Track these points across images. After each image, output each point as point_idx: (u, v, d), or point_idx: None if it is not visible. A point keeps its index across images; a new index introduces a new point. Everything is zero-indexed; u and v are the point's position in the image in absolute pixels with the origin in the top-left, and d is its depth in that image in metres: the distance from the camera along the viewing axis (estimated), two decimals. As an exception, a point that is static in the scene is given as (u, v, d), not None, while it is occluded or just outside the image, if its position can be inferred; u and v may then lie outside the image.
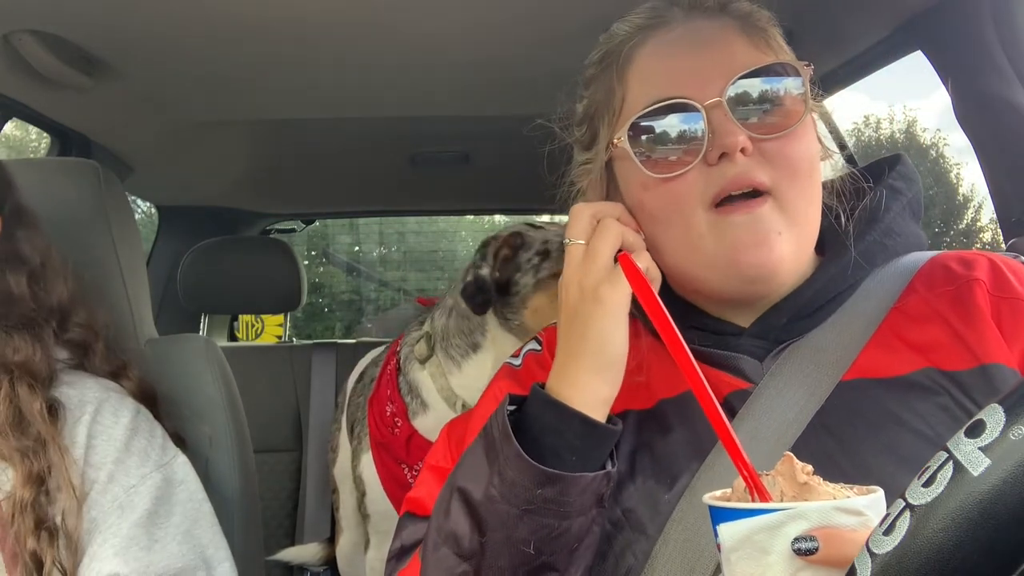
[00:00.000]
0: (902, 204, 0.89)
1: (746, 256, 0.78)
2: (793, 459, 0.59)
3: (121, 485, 0.95)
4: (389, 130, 2.06)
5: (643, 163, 0.82)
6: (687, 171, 0.80)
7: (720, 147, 0.78)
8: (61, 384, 1.01)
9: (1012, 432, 0.39)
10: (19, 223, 1.05)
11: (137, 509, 0.94)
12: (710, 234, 0.80)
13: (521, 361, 0.96)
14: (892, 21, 1.33)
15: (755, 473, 0.59)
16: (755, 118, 0.79)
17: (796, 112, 0.80)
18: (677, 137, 0.81)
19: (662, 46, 0.85)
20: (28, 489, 0.90)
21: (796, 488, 0.57)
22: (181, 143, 2.02)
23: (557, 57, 1.53)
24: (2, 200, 1.03)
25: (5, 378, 0.96)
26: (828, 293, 0.84)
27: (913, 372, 0.78)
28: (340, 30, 1.38)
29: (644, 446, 0.83)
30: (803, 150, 0.81)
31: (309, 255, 5.69)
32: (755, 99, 0.80)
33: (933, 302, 0.83)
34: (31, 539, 0.88)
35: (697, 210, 0.80)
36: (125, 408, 1.01)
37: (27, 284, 1.02)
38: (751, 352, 0.84)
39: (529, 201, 3.18)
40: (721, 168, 0.79)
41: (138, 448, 0.98)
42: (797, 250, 0.81)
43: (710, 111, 0.79)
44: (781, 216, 0.79)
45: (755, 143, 0.79)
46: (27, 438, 0.93)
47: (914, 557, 0.40)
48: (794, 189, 0.80)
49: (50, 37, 1.34)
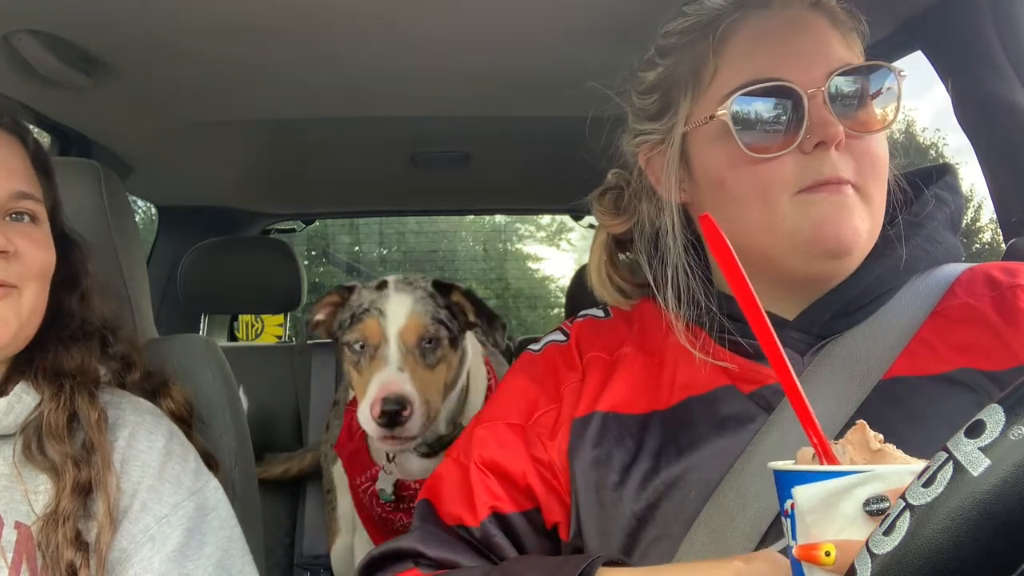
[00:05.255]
0: (945, 214, 0.90)
1: (831, 228, 0.79)
2: (866, 427, 0.60)
3: (153, 515, 0.94)
4: (389, 130, 2.06)
5: (743, 138, 0.82)
6: (782, 155, 0.80)
7: (819, 136, 0.79)
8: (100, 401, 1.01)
9: (1012, 432, 0.39)
10: (71, 243, 1.07)
11: (169, 542, 0.93)
12: (794, 213, 0.80)
13: (541, 349, 0.96)
14: (892, 21, 1.33)
15: (825, 440, 0.60)
16: (851, 113, 0.80)
17: (887, 114, 0.82)
18: (776, 119, 0.81)
19: (762, 28, 0.85)
20: (73, 499, 0.90)
21: (869, 455, 0.59)
22: (181, 143, 2.02)
23: (557, 57, 1.54)
24: (54, 218, 1.04)
25: (66, 384, 0.96)
26: (874, 291, 0.85)
27: (953, 371, 0.79)
28: (340, 30, 1.38)
29: (671, 443, 0.83)
30: (884, 150, 0.83)
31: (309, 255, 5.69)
32: (853, 95, 0.81)
33: (974, 305, 0.84)
34: (69, 551, 0.87)
35: (783, 195, 0.81)
36: (159, 432, 1.00)
37: (79, 302, 1.04)
38: (793, 345, 0.84)
39: (529, 201, 3.19)
40: (815, 158, 0.80)
41: (171, 475, 0.97)
42: (870, 238, 0.83)
43: (811, 99, 0.80)
44: (862, 204, 0.81)
45: (847, 138, 0.80)
46: (79, 446, 0.93)
47: (914, 557, 0.40)
48: (873, 185, 0.82)
49: (50, 37, 1.34)
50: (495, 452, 0.89)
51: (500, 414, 0.92)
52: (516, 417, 0.91)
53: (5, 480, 0.93)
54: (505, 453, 0.88)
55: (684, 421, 0.83)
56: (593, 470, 0.84)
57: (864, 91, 0.82)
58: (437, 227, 6.11)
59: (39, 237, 0.96)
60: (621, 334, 0.94)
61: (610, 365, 0.90)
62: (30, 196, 0.95)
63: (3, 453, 0.94)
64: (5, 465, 0.93)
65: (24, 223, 0.95)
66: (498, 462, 0.88)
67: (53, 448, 0.92)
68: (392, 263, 6.12)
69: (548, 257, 6.26)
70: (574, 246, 6.10)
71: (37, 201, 0.97)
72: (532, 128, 2.02)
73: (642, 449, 0.82)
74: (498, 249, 6.26)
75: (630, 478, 0.82)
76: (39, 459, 0.92)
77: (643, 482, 0.81)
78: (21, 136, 0.99)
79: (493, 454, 0.89)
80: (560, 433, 0.88)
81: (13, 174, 0.95)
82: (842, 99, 0.80)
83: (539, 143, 2.14)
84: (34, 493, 0.92)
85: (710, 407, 0.83)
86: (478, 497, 0.87)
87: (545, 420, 0.89)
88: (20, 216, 0.94)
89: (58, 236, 1.04)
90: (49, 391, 0.95)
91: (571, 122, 2.07)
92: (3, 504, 0.91)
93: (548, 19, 1.36)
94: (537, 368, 0.94)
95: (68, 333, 1.01)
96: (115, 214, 1.24)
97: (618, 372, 0.89)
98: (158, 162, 2.13)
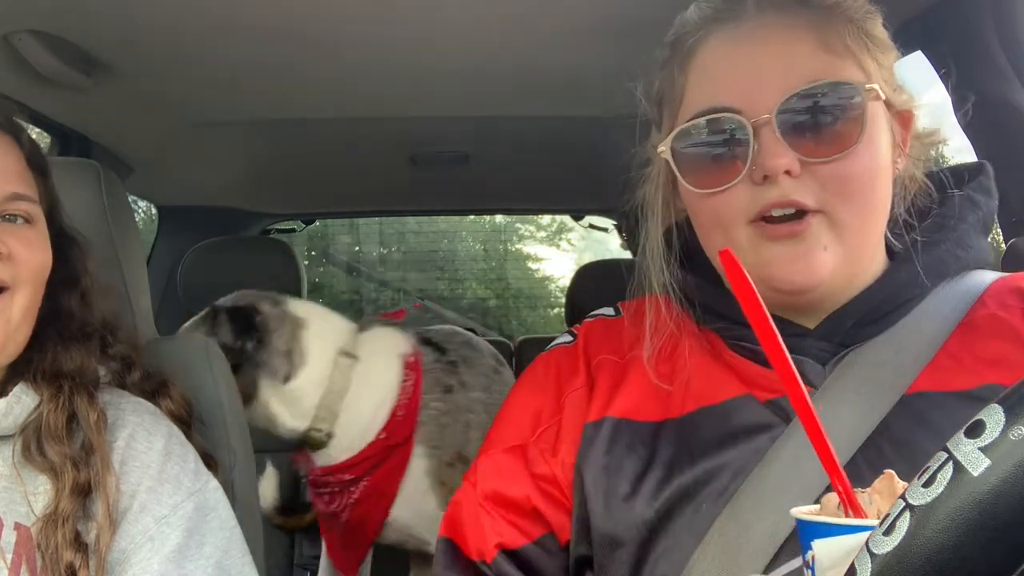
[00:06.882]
0: (977, 217, 0.85)
1: (780, 271, 0.76)
2: (894, 477, 0.56)
3: (152, 516, 0.94)
4: (389, 130, 2.06)
5: (686, 175, 0.79)
6: (729, 187, 0.76)
7: (762, 169, 0.74)
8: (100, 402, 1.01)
9: (1012, 432, 0.39)
10: (70, 243, 1.06)
11: (168, 542, 0.92)
12: (749, 248, 0.77)
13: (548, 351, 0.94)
14: (892, 21, 1.33)
15: (851, 489, 0.57)
16: (808, 138, 0.75)
17: (851, 134, 0.75)
18: (723, 152, 0.77)
19: (724, 45, 0.80)
20: (72, 500, 0.89)
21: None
22: (181, 143, 2.02)
23: (558, 57, 1.54)
24: (52, 218, 1.04)
25: (65, 385, 0.96)
26: (898, 299, 0.81)
27: (979, 387, 0.76)
28: (340, 30, 1.38)
29: (684, 453, 0.80)
30: (861, 168, 0.76)
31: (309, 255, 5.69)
32: (807, 118, 0.75)
33: (1004, 317, 0.79)
34: (69, 552, 0.87)
35: (739, 225, 0.77)
36: (159, 433, 1.00)
37: (79, 302, 1.04)
38: (815, 355, 0.80)
39: (529, 201, 3.19)
40: (766, 187, 0.75)
41: (171, 475, 0.97)
42: (847, 261, 0.77)
43: (759, 128, 0.75)
44: (830, 231, 0.76)
45: (806, 165, 0.74)
46: (78, 447, 0.93)
47: (914, 557, 0.40)
48: (848, 208, 0.76)
49: (50, 37, 1.34)
50: (496, 483, 0.87)
51: (499, 438, 0.90)
52: (515, 437, 0.89)
53: (5, 481, 0.92)
54: (506, 482, 0.87)
55: (698, 431, 0.80)
56: (603, 478, 0.82)
57: (827, 112, 0.75)
58: (437, 227, 6.10)
59: (33, 238, 0.95)
60: (632, 335, 0.90)
61: (621, 368, 0.88)
62: (24, 197, 0.95)
63: (3, 454, 0.94)
64: (5, 466, 0.93)
65: (18, 224, 0.94)
66: (500, 492, 0.86)
67: (52, 449, 0.92)
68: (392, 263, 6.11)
69: (548, 257, 6.25)
70: (574, 246, 6.09)
71: (32, 202, 0.96)
72: (532, 128, 2.03)
73: (654, 459, 0.80)
74: (498, 249, 6.25)
75: (642, 488, 0.79)
76: (38, 460, 0.92)
77: (655, 493, 0.78)
78: (15, 135, 0.98)
79: (495, 485, 0.87)
80: (563, 446, 0.86)
81: (7, 175, 0.94)
82: (800, 122, 0.74)
83: (539, 143, 2.15)
84: (33, 494, 0.92)
85: (726, 417, 0.80)
86: (487, 535, 0.85)
87: (547, 436, 0.87)
88: (13, 218, 0.94)
89: (57, 235, 1.03)
90: (48, 392, 0.95)
91: (571, 122, 2.07)
92: (3, 505, 0.91)
93: (548, 19, 1.36)
94: (538, 376, 0.92)
95: (68, 334, 1.01)
96: (115, 214, 1.24)
97: (629, 376, 0.86)
98: (158, 162, 2.13)
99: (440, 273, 6.12)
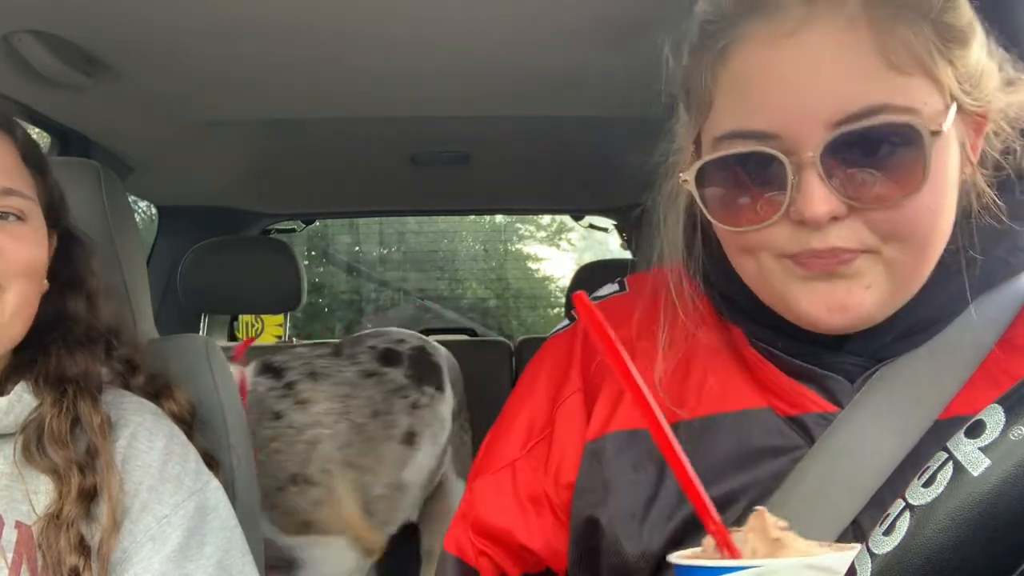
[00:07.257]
0: None
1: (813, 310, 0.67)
2: (765, 514, 0.55)
3: (154, 515, 0.94)
4: (389, 130, 2.06)
5: (714, 212, 0.69)
6: (763, 228, 0.66)
7: (799, 216, 0.64)
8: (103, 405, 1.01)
9: (1012, 432, 0.39)
10: (75, 243, 1.06)
11: (169, 542, 0.93)
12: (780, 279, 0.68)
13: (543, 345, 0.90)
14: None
15: (724, 530, 0.55)
16: (858, 180, 0.63)
17: (910, 180, 0.63)
18: (757, 187, 0.66)
19: (762, 51, 0.66)
20: (78, 505, 0.89)
21: (768, 544, 0.54)
22: (181, 143, 2.02)
23: (557, 57, 1.54)
24: (57, 218, 1.03)
25: (69, 389, 0.96)
26: (944, 310, 0.72)
27: None
28: (340, 30, 1.39)
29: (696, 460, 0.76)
30: (922, 210, 0.64)
31: (309, 255, 5.69)
32: (858, 158, 0.63)
33: None
34: (73, 556, 0.87)
35: (771, 256, 0.68)
36: (160, 433, 1.00)
37: (85, 305, 1.03)
38: (845, 372, 0.73)
39: (529, 201, 3.19)
40: (806, 230, 0.65)
41: (172, 475, 0.97)
42: (893, 295, 0.68)
43: (802, 167, 0.63)
44: (876, 266, 0.66)
45: (854, 208, 0.64)
46: (82, 451, 0.93)
47: (914, 557, 0.40)
48: (901, 247, 0.66)
49: (50, 37, 1.34)
50: (484, 512, 0.84)
51: (488, 461, 0.86)
52: (506, 455, 0.84)
53: (6, 480, 0.93)
54: (494, 513, 0.83)
55: (712, 446, 0.73)
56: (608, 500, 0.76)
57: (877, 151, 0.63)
58: (437, 227, 6.10)
59: (25, 234, 0.95)
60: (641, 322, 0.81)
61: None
62: (17, 193, 0.94)
63: (3, 452, 0.94)
64: (6, 464, 0.93)
65: (9, 221, 0.93)
66: (487, 524, 0.83)
67: (57, 454, 0.92)
68: (392, 263, 6.12)
69: (548, 257, 6.26)
70: (574, 246, 6.10)
71: (25, 198, 0.95)
72: (532, 128, 2.03)
73: (664, 479, 0.74)
74: (498, 249, 6.25)
75: (651, 514, 0.74)
76: (40, 459, 0.92)
77: (666, 518, 0.73)
78: (9, 131, 0.98)
79: (484, 514, 0.84)
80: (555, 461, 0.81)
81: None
82: (844, 163, 0.63)
83: (539, 143, 2.15)
84: (35, 493, 0.92)
85: (742, 432, 0.74)
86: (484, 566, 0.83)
87: (538, 452, 0.83)
88: (5, 215, 0.93)
89: (61, 235, 1.03)
90: (51, 396, 0.95)
91: (571, 122, 2.07)
92: (3, 504, 0.91)
93: (548, 19, 1.36)
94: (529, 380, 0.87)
95: (72, 338, 1.01)
96: (115, 214, 1.24)
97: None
98: (158, 162, 2.13)
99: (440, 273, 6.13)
